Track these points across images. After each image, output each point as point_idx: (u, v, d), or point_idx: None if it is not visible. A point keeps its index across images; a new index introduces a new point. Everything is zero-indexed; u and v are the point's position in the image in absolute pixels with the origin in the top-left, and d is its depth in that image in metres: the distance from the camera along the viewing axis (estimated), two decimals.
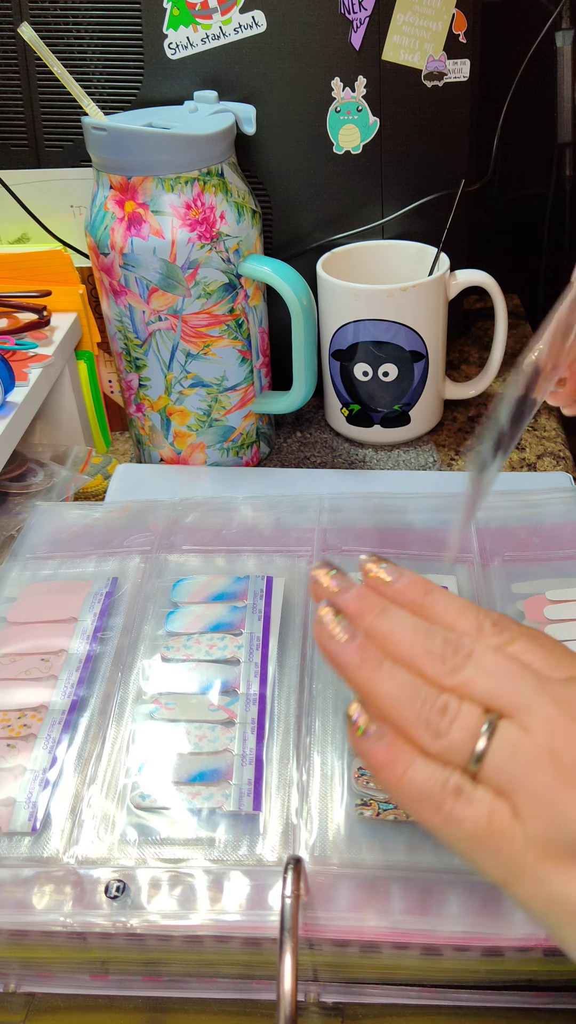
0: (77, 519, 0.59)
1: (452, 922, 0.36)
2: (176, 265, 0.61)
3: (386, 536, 0.54)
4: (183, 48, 0.66)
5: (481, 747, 0.29)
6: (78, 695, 0.45)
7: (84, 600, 0.51)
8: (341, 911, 0.36)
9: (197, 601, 0.50)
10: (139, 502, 0.60)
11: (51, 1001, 0.39)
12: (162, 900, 0.37)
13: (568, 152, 0.81)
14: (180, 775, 0.41)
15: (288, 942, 0.34)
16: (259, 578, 0.51)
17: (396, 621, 0.32)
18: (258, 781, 0.41)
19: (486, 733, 0.29)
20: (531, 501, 0.56)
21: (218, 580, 0.51)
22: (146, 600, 0.51)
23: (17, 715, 0.45)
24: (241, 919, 0.37)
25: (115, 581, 0.52)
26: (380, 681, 0.30)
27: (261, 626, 0.48)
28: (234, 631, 0.48)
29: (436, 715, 0.29)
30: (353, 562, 0.52)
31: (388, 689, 0.30)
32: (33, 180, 0.71)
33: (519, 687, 0.29)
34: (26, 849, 0.39)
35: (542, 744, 0.28)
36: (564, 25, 0.75)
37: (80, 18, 0.66)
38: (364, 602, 0.32)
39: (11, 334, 0.70)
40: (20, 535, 0.58)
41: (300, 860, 0.37)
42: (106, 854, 0.39)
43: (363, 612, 0.32)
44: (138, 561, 0.54)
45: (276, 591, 0.50)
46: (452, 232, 0.70)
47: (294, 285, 0.63)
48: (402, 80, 0.67)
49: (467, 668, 0.30)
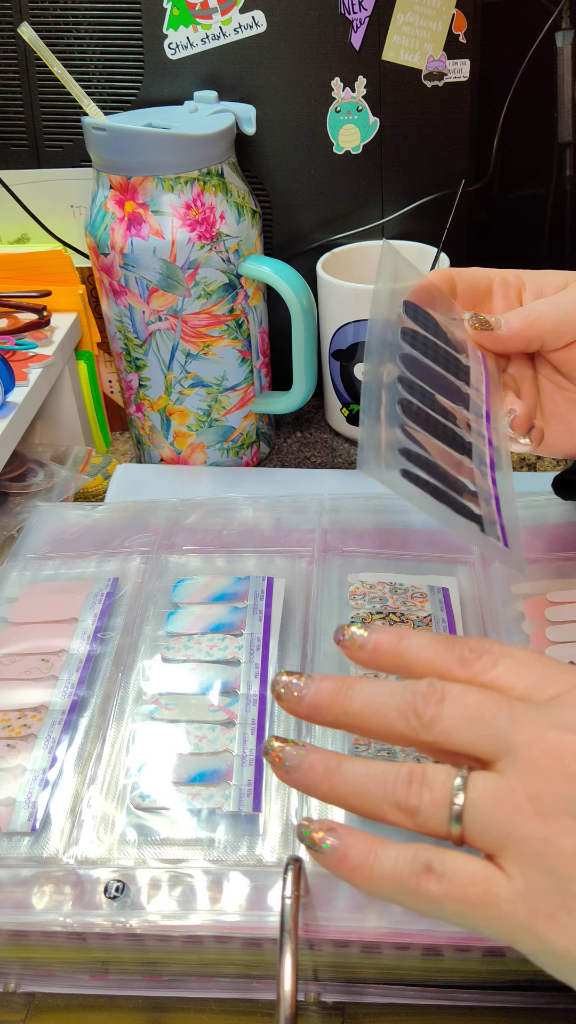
0: (77, 519, 0.59)
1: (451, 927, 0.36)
2: (176, 265, 0.61)
3: (386, 536, 0.54)
4: (183, 48, 0.66)
5: (458, 805, 0.27)
6: (78, 695, 0.46)
7: (85, 600, 0.51)
8: (341, 912, 0.36)
9: (198, 602, 0.50)
10: (139, 502, 0.60)
11: (51, 1001, 0.39)
12: (162, 900, 0.37)
13: (568, 152, 0.81)
14: (180, 775, 0.41)
15: (288, 942, 0.34)
16: (260, 579, 0.51)
17: (363, 695, 0.31)
18: (258, 782, 0.41)
19: (460, 789, 0.28)
20: (532, 502, 0.56)
21: (219, 581, 0.51)
22: (147, 600, 0.51)
23: (17, 715, 0.45)
24: (241, 920, 0.37)
25: (116, 582, 0.52)
26: (341, 785, 0.30)
27: (262, 627, 0.48)
28: (234, 632, 0.48)
29: (403, 789, 0.28)
30: (354, 563, 0.52)
31: (352, 789, 0.29)
32: (33, 180, 0.71)
33: (496, 729, 0.28)
34: (26, 849, 0.39)
35: (520, 792, 0.27)
36: (564, 25, 0.75)
37: (80, 18, 0.66)
38: (328, 692, 0.31)
39: (11, 334, 0.70)
40: (20, 535, 0.58)
41: (300, 860, 0.37)
42: (106, 854, 0.39)
43: (330, 702, 0.31)
44: (139, 561, 0.54)
45: (277, 592, 0.50)
46: (452, 232, 0.70)
47: (294, 285, 0.64)
48: (402, 80, 0.67)
49: (442, 718, 0.29)
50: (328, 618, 0.48)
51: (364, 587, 0.50)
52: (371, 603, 0.48)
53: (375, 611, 0.48)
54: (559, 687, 0.29)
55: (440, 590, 0.49)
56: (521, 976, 0.37)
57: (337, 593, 0.50)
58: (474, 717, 0.28)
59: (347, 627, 0.33)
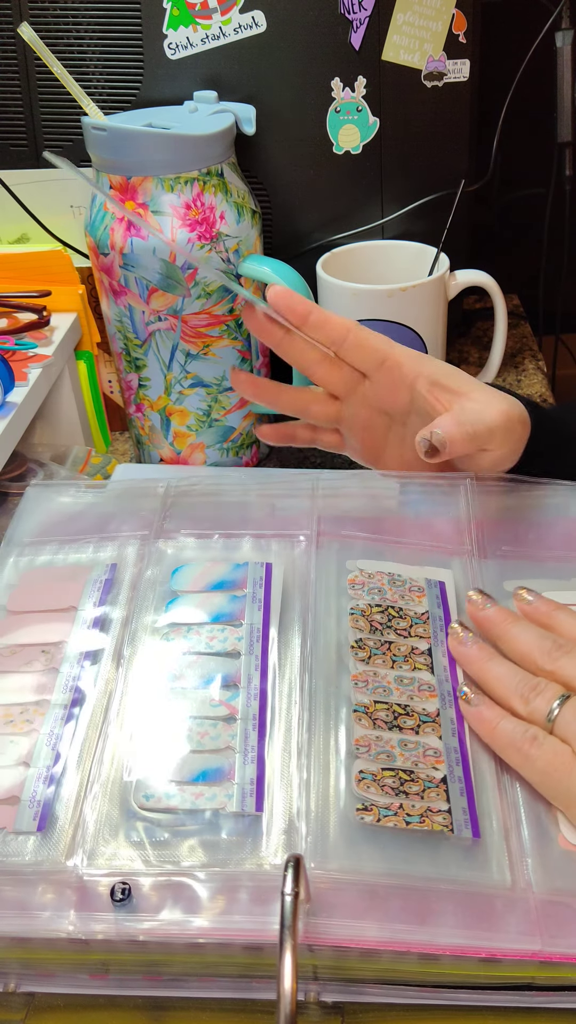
0: (71, 501, 0.57)
1: (449, 934, 0.36)
2: (176, 265, 0.61)
3: (382, 523, 0.54)
4: (183, 48, 0.66)
5: (554, 711, 0.41)
6: (79, 688, 0.45)
7: (83, 588, 0.51)
8: (340, 919, 0.36)
9: (197, 590, 0.50)
10: (133, 482, 0.59)
11: (51, 1000, 0.39)
12: (165, 904, 0.37)
13: (568, 152, 0.81)
14: (183, 774, 0.41)
15: (288, 940, 0.34)
16: (258, 565, 0.50)
17: (520, 627, 0.45)
18: (260, 780, 0.41)
19: (559, 703, 0.41)
20: (532, 495, 0.56)
21: (217, 567, 0.51)
22: (146, 589, 0.50)
23: (19, 710, 0.45)
24: (244, 924, 0.36)
25: (114, 567, 0.52)
26: (489, 669, 0.44)
27: (261, 617, 0.48)
28: (234, 622, 0.47)
29: (528, 690, 0.42)
30: (352, 548, 0.52)
31: (496, 674, 0.43)
32: (33, 180, 0.71)
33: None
34: (30, 850, 0.39)
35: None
36: (564, 25, 0.75)
37: (80, 18, 0.66)
38: (500, 614, 0.46)
39: (11, 334, 0.70)
40: (14, 519, 0.56)
41: (300, 858, 0.37)
42: (110, 856, 0.39)
43: (499, 620, 0.45)
44: (136, 547, 0.53)
45: (275, 579, 0.50)
46: (452, 232, 0.70)
47: (294, 285, 0.64)
48: (402, 80, 0.67)
49: (561, 660, 0.43)
50: (327, 608, 0.48)
51: (363, 576, 0.49)
52: (370, 594, 0.48)
53: (374, 603, 0.48)
54: None
55: (437, 584, 0.49)
56: (519, 980, 0.37)
57: (336, 582, 0.49)
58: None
59: (523, 590, 0.47)
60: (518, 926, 0.36)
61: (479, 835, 0.39)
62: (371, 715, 0.43)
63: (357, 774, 0.41)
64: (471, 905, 0.37)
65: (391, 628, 0.47)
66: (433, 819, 0.39)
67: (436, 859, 0.38)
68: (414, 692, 0.44)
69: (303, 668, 0.45)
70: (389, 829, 0.39)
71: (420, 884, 0.37)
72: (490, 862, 0.38)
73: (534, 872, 0.38)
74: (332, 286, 0.68)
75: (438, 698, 0.44)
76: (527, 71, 0.74)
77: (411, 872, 0.38)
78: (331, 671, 0.45)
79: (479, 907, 0.37)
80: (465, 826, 0.39)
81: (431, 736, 0.42)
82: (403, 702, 0.43)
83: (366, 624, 0.46)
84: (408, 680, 0.44)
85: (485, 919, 0.36)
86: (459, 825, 0.39)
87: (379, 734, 0.42)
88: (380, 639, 0.46)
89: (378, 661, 0.45)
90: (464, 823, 0.39)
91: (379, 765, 0.41)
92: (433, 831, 0.38)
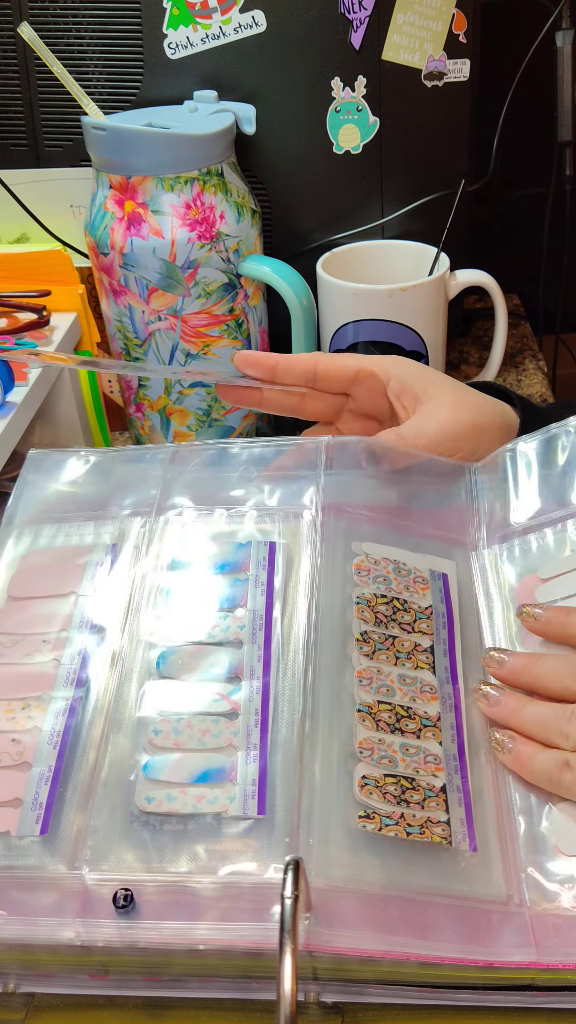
0: (71, 478, 0.56)
1: (447, 948, 0.36)
2: (176, 265, 0.61)
3: (387, 501, 0.53)
4: (183, 48, 0.66)
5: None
6: (81, 682, 0.45)
7: (84, 572, 0.50)
8: (340, 927, 0.36)
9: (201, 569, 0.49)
10: (138, 448, 0.58)
11: (51, 1001, 0.39)
12: (167, 911, 0.37)
13: (568, 152, 0.81)
14: (184, 775, 0.41)
15: (288, 943, 0.34)
16: (262, 544, 0.50)
17: (544, 664, 0.44)
18: (262, 781, 0.41)
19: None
20: None
21: (219, 547, 0.50)
22: (144, 577, 0.49)
23: (21, 705, 0.44)
24: (246, 932, 0.36)
25: (114, 548, 0.51)
26: (525, 716, 0.43)
27: (264, 602, 0.47)
28: (236, 608, 0.47)
29: (566, 724, 0.41)
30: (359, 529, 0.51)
31: (532, 719, 0.43)
32: (33, 180, 0.71)
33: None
34: (33, 855, 0.39)
35: None
36: (564, 25, 0.75)
37: (80, 18, 0.66)
38: (520, 661, 0.45)
39: (11, 334, 0.70)
40: (15, 492, 0.55)
41: (300, 861, 0.37)
42: (113, 862, 0.38)
43: (522, 669, 0.44)
44: (137, 525, 0.52)
45: (279, 560, 0.49)
46: (452, 232, 0.70)
47: (294, 285, 0.64)
48: (402, 80, 0.67)
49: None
50: (331, 597, 0.47)
51: (369, 561, 0.48)
52: (376, 582, 0.48)
53: (379, 593, 0.47)
54: None
55: (440, 576, 0.49)
56: (519, 980, 0.37)
57: (342, 567, 0.48)
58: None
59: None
60: (513, 938, 0.36)
61: (476, 848, 0.39)
62: (374, 716, 0.42)
63: (360, 779, 0.40)
64: (468, 917, 0.37)
65: (395, 622, 0.46)
66: (433, 831, 0.39)
67: (434, 870, 0.38)
68: (416, 693, 0.44)
69: (307, 660, 0.45)
70: (390, 839, 0.39)
71: (418, 897, 0.37)
72: (486, 874, 0.38)
73: (529, 884, 0.38)
74: (332, 286, 0.68)
75: (439, 701, 0.43)
76: (527, 71, 0.74)
77: (410, 883, 0.38)
78: (334, 663, 0.44)
79: (476, 919, 0.37)
80: (463, 839, 0.39)
81: (431, 741, 0.42)
82: (405, 704, 0.43)
83: (371, 616, 0.46)
84: (411, 680, 0.44)
85: (482, 931, 0.37)
86: (457, 838, 0.39)
87: (382, 736, 0.42)
88: (385, 633, 0.46)
89: (382, 657, 0.45)
90: (462, 836, 0.39)
91: (381, 771, 0.41)
92: (432, 843, 0.39)
